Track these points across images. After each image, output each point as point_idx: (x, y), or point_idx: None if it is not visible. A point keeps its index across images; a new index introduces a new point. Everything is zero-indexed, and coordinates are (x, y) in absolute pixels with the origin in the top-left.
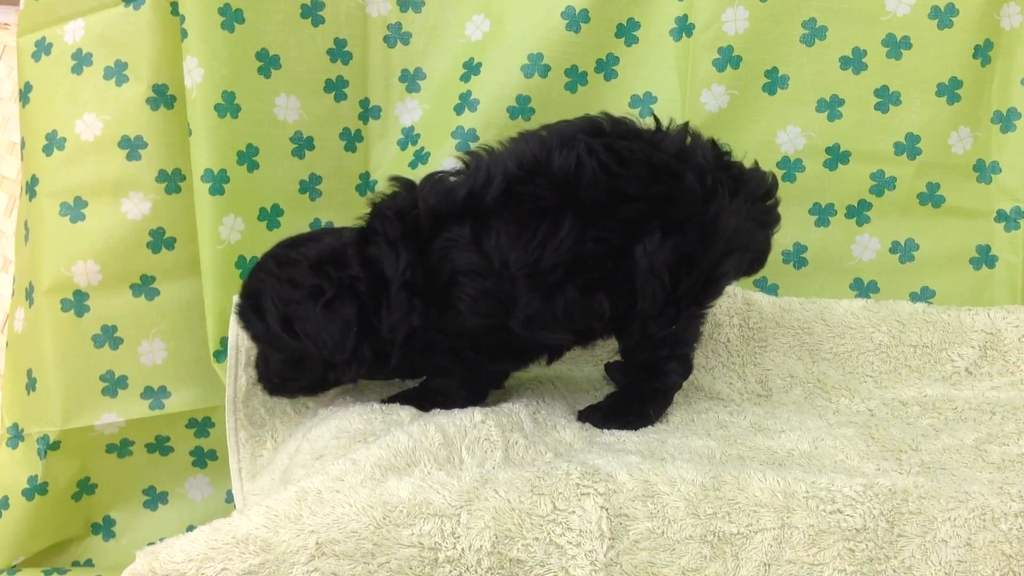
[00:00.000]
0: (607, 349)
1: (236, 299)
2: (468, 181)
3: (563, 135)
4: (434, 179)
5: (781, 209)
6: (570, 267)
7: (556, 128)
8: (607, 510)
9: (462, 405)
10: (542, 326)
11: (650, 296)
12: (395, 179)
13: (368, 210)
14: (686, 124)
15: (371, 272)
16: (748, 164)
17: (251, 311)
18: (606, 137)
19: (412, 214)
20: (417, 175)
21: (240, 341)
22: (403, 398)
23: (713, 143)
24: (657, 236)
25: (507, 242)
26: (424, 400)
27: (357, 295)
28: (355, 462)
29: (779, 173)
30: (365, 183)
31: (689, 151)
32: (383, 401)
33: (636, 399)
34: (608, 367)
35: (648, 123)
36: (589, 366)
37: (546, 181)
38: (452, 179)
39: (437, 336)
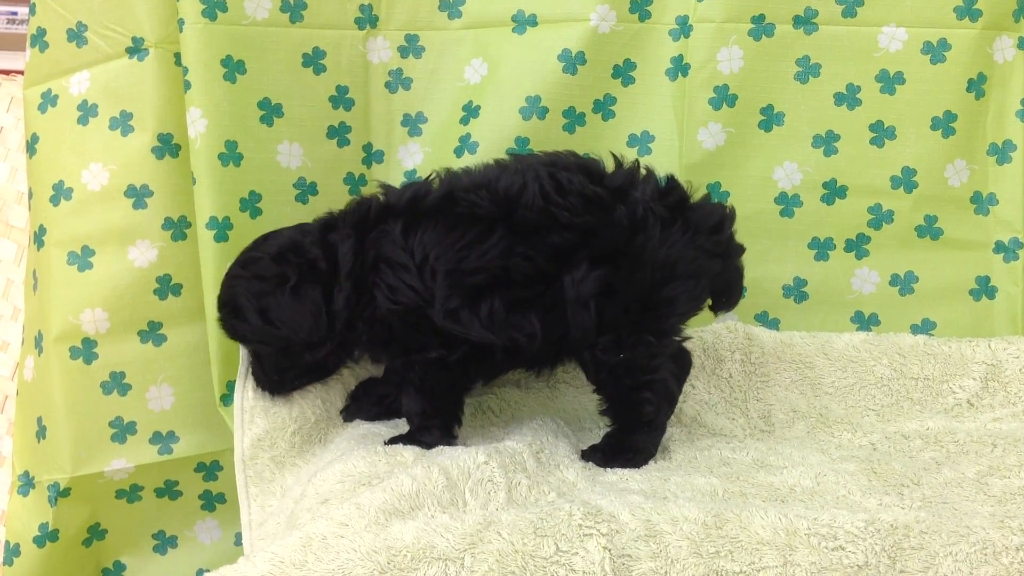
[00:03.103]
0: None
1: (242, 352)
2: (417, 185)
3: (523, 163)
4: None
5: (780, 244)
6: (496, 276)
7: (523, 157)
8: (610, 551)
9: (435, 425)
10: (464, 323)
11: (580, 325)
12: (381, 185)
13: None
14: (636, 161)
15: (330, 256)
16: (745, 199)
17: (231, 316)
18: (554, 167)
19: (367, 208)
20: None
21: (244, 402)
22: (403, 439)
23: (671, 179)
24: (584, 267)
25: (432, 239)
26: (411, 435)
27: (320, 277)
28: (359, 506)
29: (777, 209)
30: None
31: (629, 186)
32: (386, 443)
33: (626, 434)
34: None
35: (647, 161)
36: (593, 403)
37: (488, 194)
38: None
39: (361, 324)
